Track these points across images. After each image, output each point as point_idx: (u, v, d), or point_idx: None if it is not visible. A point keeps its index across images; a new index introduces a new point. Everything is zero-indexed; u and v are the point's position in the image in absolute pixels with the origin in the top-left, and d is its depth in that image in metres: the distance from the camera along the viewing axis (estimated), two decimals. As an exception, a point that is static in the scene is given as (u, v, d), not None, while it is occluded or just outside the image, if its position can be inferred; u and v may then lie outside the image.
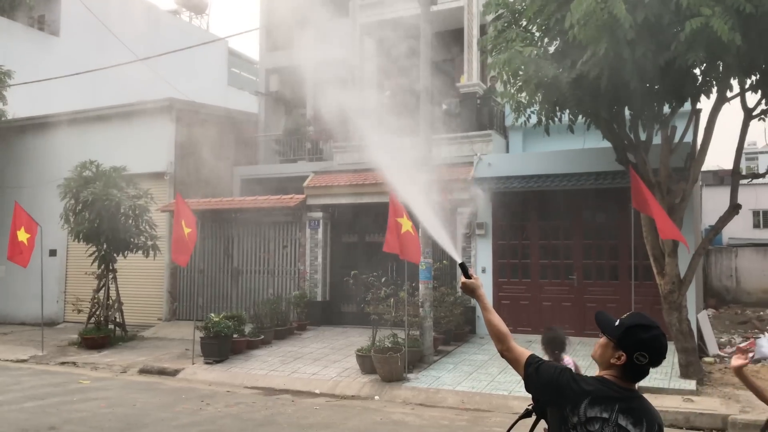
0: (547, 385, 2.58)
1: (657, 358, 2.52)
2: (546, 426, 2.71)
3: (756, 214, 30.41)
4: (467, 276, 3.03)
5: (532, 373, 2.65)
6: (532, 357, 2.71)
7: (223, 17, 78.49)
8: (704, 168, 29.45)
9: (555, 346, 5.36)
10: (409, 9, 14.51)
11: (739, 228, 28.79)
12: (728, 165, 10.79)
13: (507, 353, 2.78)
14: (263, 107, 20.43)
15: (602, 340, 2.62)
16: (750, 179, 10.86)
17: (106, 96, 20.53)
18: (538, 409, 2.71)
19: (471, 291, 3.02)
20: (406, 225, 10.48)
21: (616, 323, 2.58)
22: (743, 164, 41.95)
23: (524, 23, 10.47)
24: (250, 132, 19.99)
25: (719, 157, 49.37)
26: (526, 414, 2.79)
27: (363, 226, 15.44)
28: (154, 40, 25.50)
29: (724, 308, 23.32)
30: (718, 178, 30.88)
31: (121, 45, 21.87)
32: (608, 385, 2.53)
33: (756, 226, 30.39)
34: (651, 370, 2.57)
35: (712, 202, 24.10)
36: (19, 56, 21.11)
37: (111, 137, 17.58)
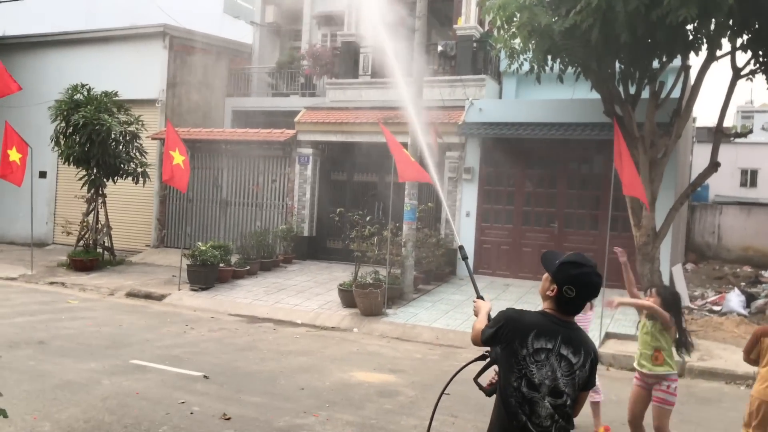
0: (501, 327, 2.82)
1: (585, 293, 2.78)
2: (496, 369, 2.97)
3: (744, 172, 30.70)
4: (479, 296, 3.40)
5: (488, 329, 2.91)
6: (486, 325, 2.98)
7: (221, -59, 75.75)
8: (699, 124, 29.31)
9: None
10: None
11: (726, 186, 29.13)
12: (726, 123, 10.90)
13: (475, 340, 3.05)
14: (258, 39, 20.17)
15: (545, 274, 2.88)
16: (732, 138, 11.02)
17: (100, 18, 20.17)
18: (492, 354, 3.00)
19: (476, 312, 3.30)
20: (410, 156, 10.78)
21: (557, 261, 2.83)
22: (739, 122, 41.99)
23: (522, -32, 10.36)
24: (244, 63, 19.81)
25: (715, 114, 49.28)
26: (482, 357, 3.09)
27: (352, 164, 15.58)
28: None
29: (704, 263, 23.86)
30: (712, 134, 31.03)
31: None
32: (549, 317, 2.80)
33: (743, 184, 30.72)
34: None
35: (705, 159, 24.28)
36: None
37: (103, 61, 17.40)
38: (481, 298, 3.37)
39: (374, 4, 8.11)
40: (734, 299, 12.62)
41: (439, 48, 15.35)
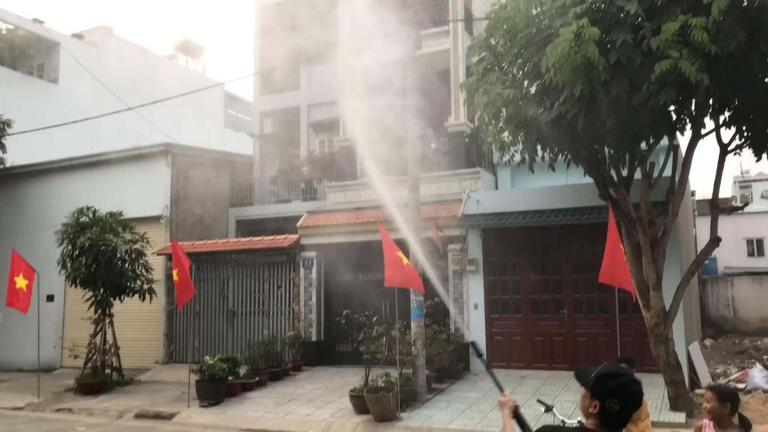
0: None
1: (629, 404, 2.67)
2: None
3: (750, 242, 30.55)
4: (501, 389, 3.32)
5: None
6: None
7: (219, 60, 79.88)
8: (699, 197, 29.43)
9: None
10: (397, 52, 14.91)
11: (734, 257, 28.94)
12: (724, 194, 11.10)
13: None
14: (258, 149, 20.81)
15: (582, 391, 2.78)
16: (729, 212, 11.09)
17: (104, 141, 20.94)
18: None
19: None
20: (405, 258, 10.74)
21: (593, 375, 2.75)
22: (738, 192, 42.24)
23: (505, 66, 10.82)
24: (246, 173, 20.33)
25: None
26: None
27: (357, 264, 15.59)
28: (151, 85, 26.09)
29: (723, 338, 23.33)
30: (712, 207, 31.08)
31: (119, 90, 22.35)
32: None
33: (750, 254, 30.50)
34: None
35: (708, 231, 24.28)
36: (18, 103, 21.57)
37: (108, 182, 17.89)
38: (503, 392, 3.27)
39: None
40: (758, 375, 12.27)
41: (433, 146, 15.78)
